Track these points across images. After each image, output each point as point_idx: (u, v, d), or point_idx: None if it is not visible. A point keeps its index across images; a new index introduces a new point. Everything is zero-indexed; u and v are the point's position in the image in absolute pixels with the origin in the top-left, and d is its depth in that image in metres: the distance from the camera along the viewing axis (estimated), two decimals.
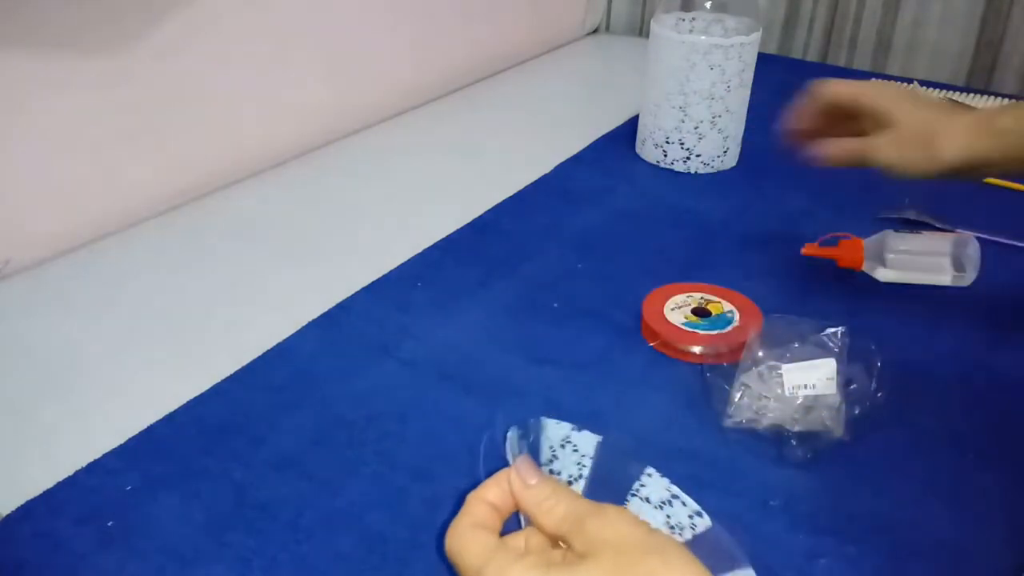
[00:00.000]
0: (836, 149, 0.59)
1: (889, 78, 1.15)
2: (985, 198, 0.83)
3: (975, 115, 0.54)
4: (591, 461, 0.44)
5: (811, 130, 0.61)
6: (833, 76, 0.62)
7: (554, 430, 0.44)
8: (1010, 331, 0.63)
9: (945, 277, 0.68)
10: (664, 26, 0.84)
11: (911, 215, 0.77)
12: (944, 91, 1.09)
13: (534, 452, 0.43)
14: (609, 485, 0.44)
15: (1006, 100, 1.08)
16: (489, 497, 0.36)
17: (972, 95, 1.09)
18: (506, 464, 0.39)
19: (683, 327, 0.60)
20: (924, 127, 0.54)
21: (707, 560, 0.40)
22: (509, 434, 0.42)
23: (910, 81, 1.13)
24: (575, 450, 0.44)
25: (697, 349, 0.59)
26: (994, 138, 0.52)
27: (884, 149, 0.55)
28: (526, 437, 0.43)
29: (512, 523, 0.37)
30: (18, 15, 0.63)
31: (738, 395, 0.53)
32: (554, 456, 0.44)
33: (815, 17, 1.22)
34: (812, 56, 1.24)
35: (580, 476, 0.44)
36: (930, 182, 0.55)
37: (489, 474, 0.38)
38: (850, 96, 0.58)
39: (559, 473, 0.44)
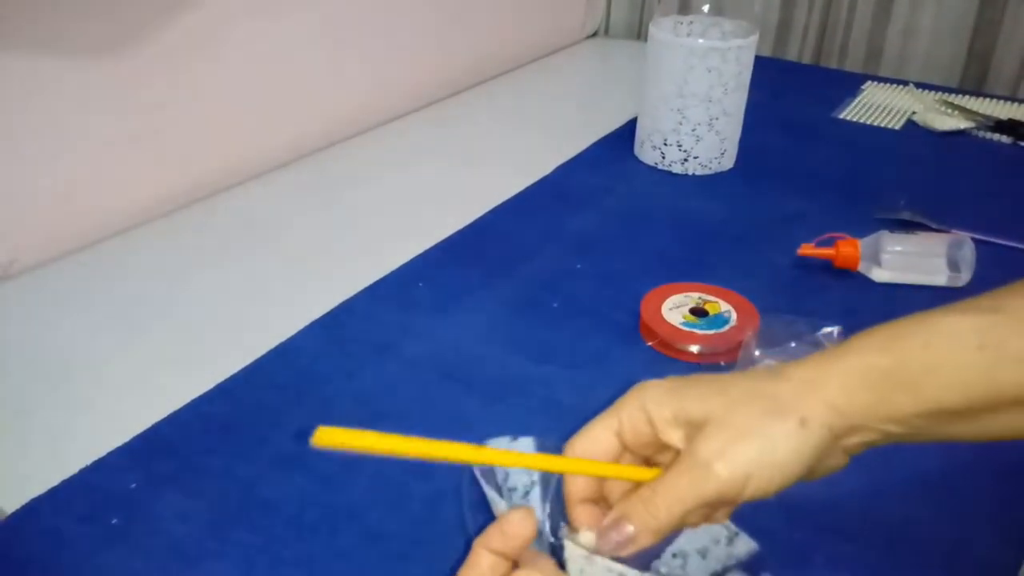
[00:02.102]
0: (656, 527, 0.34)
1: (879, 79, 1.15)
2: (981, 199, 0.84)
3: (818, 365, 0.35)
4: None
5: (594, 506, 0.37)
6: (828, 79, 0.62)
7: (496, 447, 0.44)
8: None
9: (940, 277, 0.68)
10: (662, 29, 0.85)
11: (907, 216, 0.77)
12: (939, 92, 1.10)
13: (491, 474, 0.42)
14: (560, 483, 0.44)
15: (1000, 101, 1.08)
16: (493, 545, 0.33)
17: (966, 96, 1.09)
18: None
19: (681, 326, 0.61)
20: (755, 402, 0.34)
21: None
22: (476, 471, 0.41)
23: (905, 83, 1.13)
24: None
25: (695, 348, 0.59)
26: (866, 390, 0.34)
27: (718, 463, 0.33)
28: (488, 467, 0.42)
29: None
30: (23, 17, 0.63)
31: None
32: (507, 473, 0.44)
33: (809, 24, 1.22)
34: (805, 61, 1.24)
35: (533, 483, 0.44)
36: (929, 183, 0.53)
37: (473, 516, 0.37)
38: (611, 440, 0.37)
39: (515, 488, 0.44)
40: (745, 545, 0.40)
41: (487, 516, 0.45)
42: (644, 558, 0.41)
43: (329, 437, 0.34)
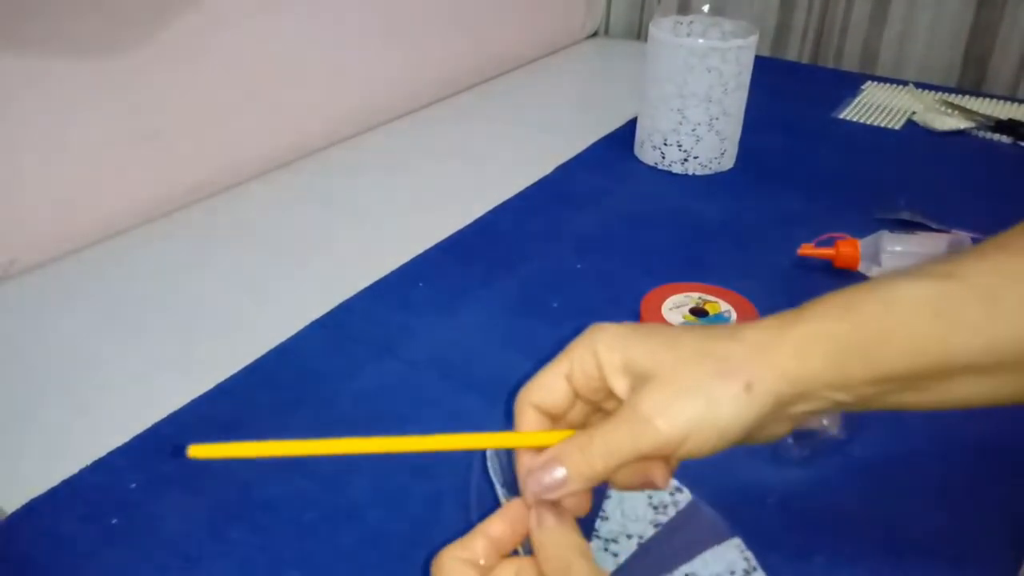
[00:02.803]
0: (589, 474, 0.34)
1: (878, 79, 1.15)
2: (981, 199, 0.84)
3: (773, 328, 0.34)
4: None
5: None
6: (828, 79, 0.62)
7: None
8: None
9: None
10: (662, 29, 0.85)
11: (907, 216, 0.77)
12: (939, 93, 1.10)
13: (514, 478, 0.42)
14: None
15: (1000, 101, 1.08)
16: (492, 532, 0.33)
17: (966, 96, 1.09)
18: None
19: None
20: (702, 361, 0.33)
21: (693, 534, 0.40)
22: (488, 454, 0.41)
23: (905, 83, 1.13)
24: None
25: None
26: (820, 357, 0.33)
27: (658, 418, 0.33)
28: (505, 457, 0.41)
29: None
30: (23, 18, 0.63)
31: None
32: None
33: (808, 27, 1.22)
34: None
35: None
36: (929, 183, 0.54)
37: (481, 517, 0.35)
38: (561, 385, 0.36)
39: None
40: None
41: (494, 504, 0.44)
42: (660, 566, 0.40)
43: (202, 451, 0.33)
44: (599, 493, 0.44)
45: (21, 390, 0.56)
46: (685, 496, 0.43)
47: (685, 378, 0.33)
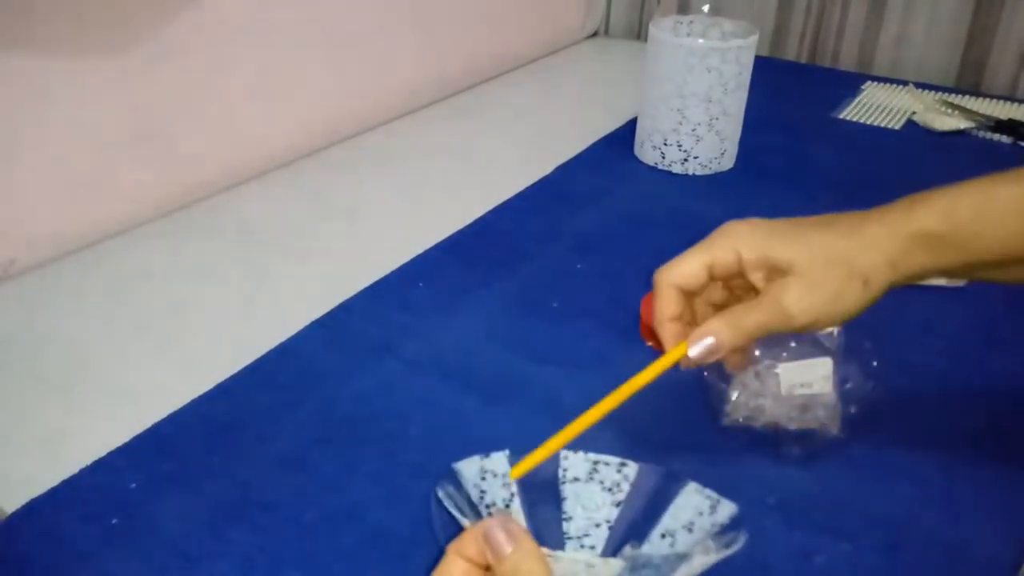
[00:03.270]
0: (734, 344, 0.43)
1: (878, 80, 1.15)
2: None
3: (888, 226, 0.42)
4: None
5: (680, 322, 0.45)
6: (828, 79, 0.62)
7: (469, 468, 0.43)
8: (1003, 331, 0.64)
9: (940, 278, 0.68)
10: (662, 29, 0.85)
11: None
12: (939, 93, 1.10)
13: (467, 499, 0.42)
14: (541, 488, 0.43)
15: (1000, 101, 1.08)
16: (468, 552, 0.33)
17: (966, 96, 1.09)
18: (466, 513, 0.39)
19: None
20: (831, 264, 0.42)
21: (652, 496, 0.42)
22: (439, 493, 0.40)
23: (905, 83, 1.13)
24: (495, 476, 0.43)
25: None
26: (922, 251, 0.42)
27: (795, 308, 0.41)
28: (454, 487, 0.41)
29: None
30: (24, 17, 0.63)
31: (735, 394, 0.53)
32: (482, 493, 0.43)
33: (805, 31, 1.23)
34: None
35: (512, 495, 0.43)
36: (929, 183, 0.54)
37: (445, 533, 0.36)
38: (703, 273, 0.44)
39: (493, 504, 0.43)
40: (727, 509, 0.41)
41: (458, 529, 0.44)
42: (634, 538, 0.41)
43: (520, 468, 0.40)
44: (556, 497, 0.44)
45: (21, 390, 0.56)
46: (632, 468, 0.44)
47: (816, 277, 0.41)
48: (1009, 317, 0.66)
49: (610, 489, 0.44)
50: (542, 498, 0.43)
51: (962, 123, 0.99)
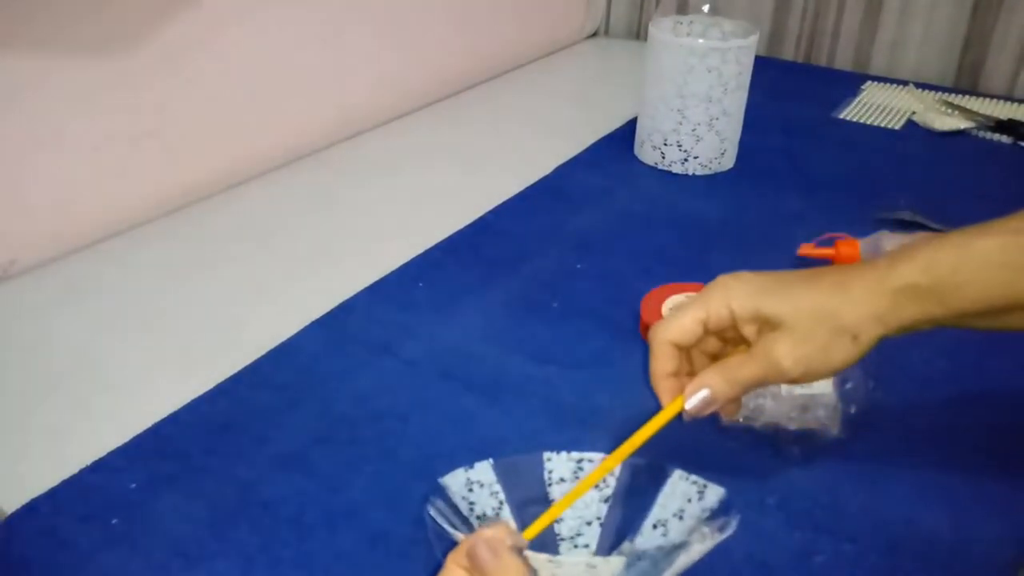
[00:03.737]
0: (729, 396, 0.44)
1: (875, 80, 1.15)
2: (981, 199, 0.83)
3: (872, 283, 0.43)
4: (499, 485, 0.44)
5: (676, 378, 0.46)
6: (828, 79, 0.62)
7: (455, 481, 0.43)
8: (1004, 332, 0.64)
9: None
10: (662, 29, 0.85)
11: (906, 216, 0.77)
12: (939, 93, 1.10)
13: (457, 511, 0.42)
14: (528, 493, 0.44)
15: (1000, 101, 1.08)
16: (465, 562, 0.35)
17: (966, 96, 1.09)
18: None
19: None
20: (818, 320, 0.43)
21: (639, 489, 0.43)
22: (430, 511, 0.40)
23: (905, 83, 1.13)
24: (481, 486, 0.44)
25: None
26: (909, 304, 0.42)
27: (785, 361, 0.42)
28: (443, 502, 0.42)
29: None
30: (24, 17, 0.63)
31: None
32: (471, 504, 0.43)
33: (801, 34, 1.23)
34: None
35: (501, 503, 0.43)
36: (929, 183, 0.55)
37: (441, 546, 0.38)
38: (698, 328, 0.45)
39: (484, 515, 0.43)
40: (715, 494, 0.41)
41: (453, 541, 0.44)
42: (627, 532, 0.41)
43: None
44: (545, 499, 0.44)
45: (21, 390, 0.56)
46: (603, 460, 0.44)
47: (804, 332, 0.43)
48: None
49: (597, 486, 0.44)
50: (530, 502, 0.43)
51: (962, 123, 0.99)
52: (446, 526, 0.39)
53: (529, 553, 0.36)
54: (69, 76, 0.67)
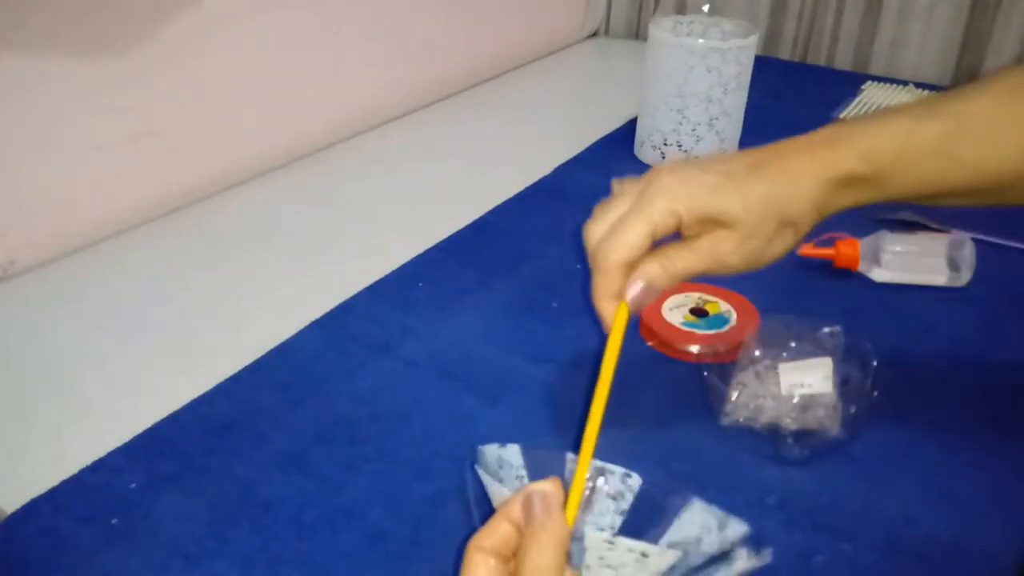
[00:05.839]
0: (667, 285, 0.44)
1: (875, 80, 1.15)
2: None
3: (814, 169, 0.43)
4: (525, 471, 0.43)
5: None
6: (828, 79, 0.62)
7: (489, 453, 0.43)
8: (1004, 331, 0.64)
9: (940, 277, 0.69)
10: (662, 29, 0.85)
11: (907, 216, 0.77)
12: (933, 92, 1.10)
13: (494, 462, 0.42)
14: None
15: None
16: (487, 545, 0.34)
17: None
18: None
19: (681, 327, 0.61)
20: (767, 215, 0.43)
21: (658, 509, 0.42)
22: (478, 470, 0.40)
23: (905, 83, 1.13)
24: (510, 467, 0.44)
25: (695, 348, 0.59)
26: (846, 192, 0.43)
27: (731, 258, 0.43)
28: (483, 464, 0.42)
29: None
30: (24, 17, 0.63)
31: (735, 394, 0.53)
32: (499, 480, 0.43)
33: (797, 36, 1.22)
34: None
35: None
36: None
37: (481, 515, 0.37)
38: (647, 243, 0.43)
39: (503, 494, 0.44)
40: (737, 529, 0.41)
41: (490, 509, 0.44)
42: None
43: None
44: None
45: (21, 390, 0.56)
46: (635, 480, 0.44)
47: (752, 228, 0.43)
48: (1009, 317, 0.66)
49: (614, 497, 0.44)
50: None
51: None
52: (494, 483, 0.39)
53: (590, 532, 0.36)
54: (69, 76, 0.67)
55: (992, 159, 0.42)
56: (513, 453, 0.44)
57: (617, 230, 0.43)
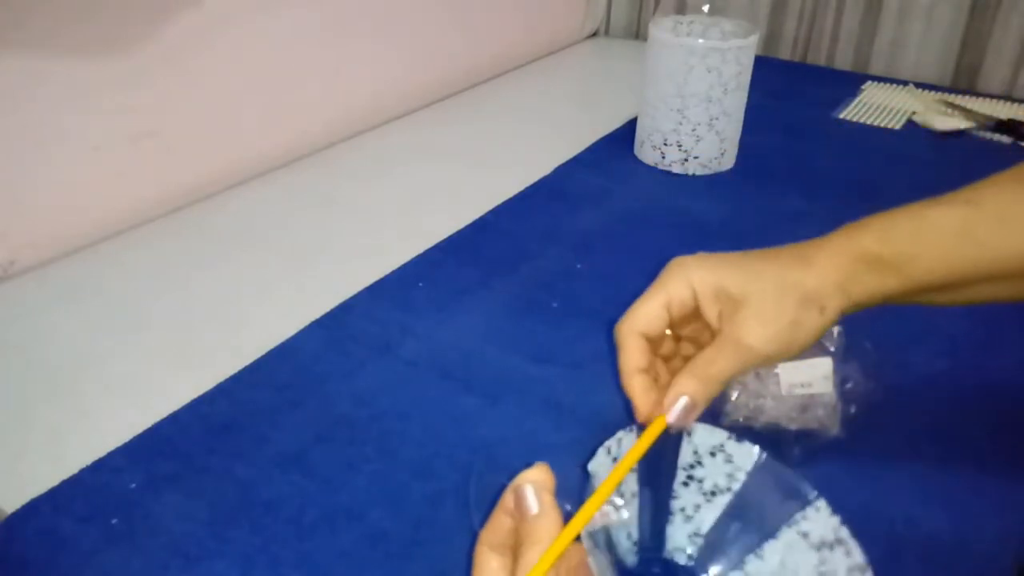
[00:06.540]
0: (709, 397, 0.41)
1: (875, 79, 1.15)
2: None
3: (831, 252, 0.42)
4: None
5: (648, 375, 0.43)
6: (828, 79, 0.62)
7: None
8: (1004, 331, 0.64)
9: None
10: (662, 29, 0.85)
11: None
12: (939, 92, 1.10)
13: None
14: (762, 507, 0.41)
15: (1000, 101, 1.08)
16: (492, 541, 0.34)
17: (966, 96, 1.09)
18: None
19: None
20: (784, 292, 0.41)
21: (764, 496, 0.40)
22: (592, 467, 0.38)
23: (905, 83, 1.13)
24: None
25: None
26: (868, 274, 0.42)
27: (755, 342, 0.41)
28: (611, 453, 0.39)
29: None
30: (25, 17, 0.63)
31: (735, 394, 0.53)
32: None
33: (797, 36, 1.22)
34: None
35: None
36: (929, 183, 0.55)
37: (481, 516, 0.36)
38: (664, 314, 0.43)
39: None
40: (858, 554, 0.39)
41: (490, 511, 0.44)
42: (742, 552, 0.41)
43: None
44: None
45: (21, 390, 0.56)
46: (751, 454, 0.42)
47: (771, 306, 0.41)
48: (1009, 318, 0.66)
49: (712, 493, 0.42)
50: (754, 514, 0.41)
51: (962, 123, 0.99)
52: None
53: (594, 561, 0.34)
54: (69, 76, 0.67)
55: (1012, 240, 0.41)
56: (743, 453, 0.42)
57: (633, 306, 0.44)
